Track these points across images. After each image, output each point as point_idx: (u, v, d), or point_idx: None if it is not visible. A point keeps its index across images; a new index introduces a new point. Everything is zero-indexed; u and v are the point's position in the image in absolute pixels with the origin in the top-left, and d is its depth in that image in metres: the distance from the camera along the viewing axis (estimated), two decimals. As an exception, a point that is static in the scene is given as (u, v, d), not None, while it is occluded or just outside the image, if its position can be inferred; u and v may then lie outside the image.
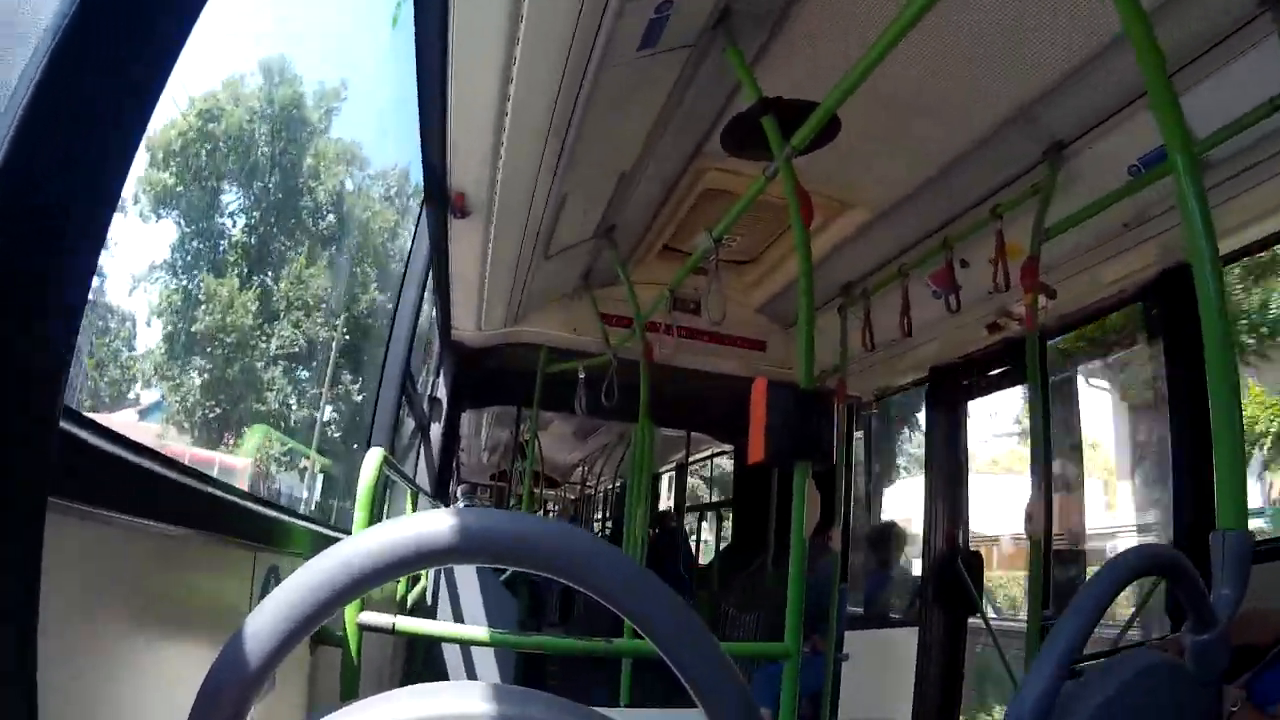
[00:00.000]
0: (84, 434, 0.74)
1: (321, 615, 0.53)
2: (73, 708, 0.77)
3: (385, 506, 2.81)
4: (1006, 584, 12.47)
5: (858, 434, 5.01)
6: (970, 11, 2.14)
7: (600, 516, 12.91)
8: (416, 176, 2.81)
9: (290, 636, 0.52)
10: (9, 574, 0.48)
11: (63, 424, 0.61)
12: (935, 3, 1.70)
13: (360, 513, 2.06)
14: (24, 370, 0.48)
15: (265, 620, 0.52)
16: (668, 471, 10.18)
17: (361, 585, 0.53)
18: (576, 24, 1.86)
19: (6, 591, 0.48)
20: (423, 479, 4.27)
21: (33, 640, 0.49)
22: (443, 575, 3.74)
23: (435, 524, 0.53)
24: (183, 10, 0.59)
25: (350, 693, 1.97)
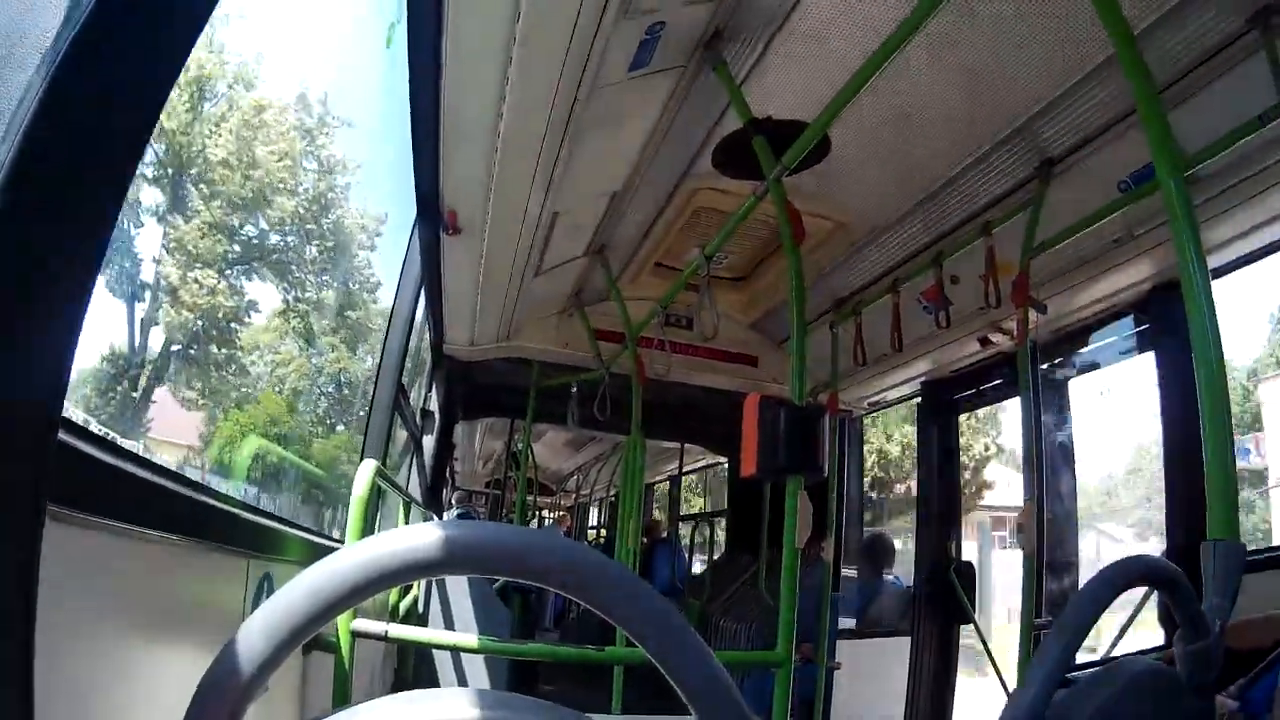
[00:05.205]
0: (81, 443, 0.74)
1: (314, 626, 0.53)
2: (69, 712, 0.77)
3: (378, 516, 2.81)
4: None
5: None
6: (961, 31, 2.17)
7: (595, 524, 12.86)
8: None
9: (283, 646, 0.52)
10: (7, 581, 0.48)
11: (60, 434, 0.61)
12: (926, 23, 1.73)
13: (353, 523, 2.08)
14: (23, 380, 0.48)
15: (259, 628, 0.52)
16: (661, 482, 10.18)
17: (354, 597, 0.53)
18: (569, 45, 1.88)
19: (4, 598, 0.48)
20: (415, 489, 4.25)
21: (30, 646, 0.49)
22: (435, 583, 3.71)
23: (428, 536, 0.53)
24: (188, 21, 0.60)
25: (342, 699, 1.97)
